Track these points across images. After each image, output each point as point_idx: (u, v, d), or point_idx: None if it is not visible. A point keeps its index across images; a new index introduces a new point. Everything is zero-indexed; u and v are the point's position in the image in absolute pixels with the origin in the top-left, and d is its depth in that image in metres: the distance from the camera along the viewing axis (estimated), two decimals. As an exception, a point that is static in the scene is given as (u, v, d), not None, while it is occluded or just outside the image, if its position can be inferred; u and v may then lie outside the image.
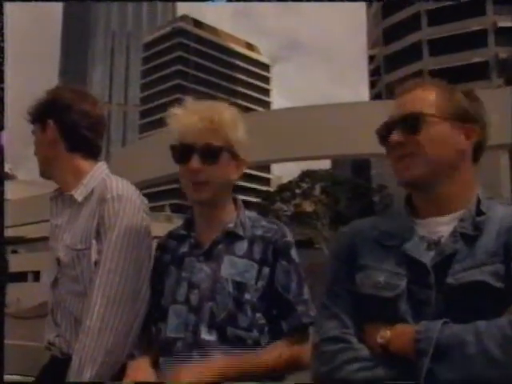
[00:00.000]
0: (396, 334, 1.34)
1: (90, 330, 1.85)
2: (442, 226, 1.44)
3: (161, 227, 3.10)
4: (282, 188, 57.15)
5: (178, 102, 1.82)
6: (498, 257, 1.34)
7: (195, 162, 1.75)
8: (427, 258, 1.41)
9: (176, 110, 1.81)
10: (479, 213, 1.43)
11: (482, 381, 1.21)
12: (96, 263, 1.92)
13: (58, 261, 2.01)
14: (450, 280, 1.35)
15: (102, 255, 1.90)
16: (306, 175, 53.99)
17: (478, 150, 1.51)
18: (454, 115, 1.46)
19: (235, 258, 1.78)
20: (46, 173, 2.13)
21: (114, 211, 1.92)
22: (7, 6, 2.04)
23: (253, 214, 1.92)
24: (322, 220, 45.67)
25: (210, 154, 1.76)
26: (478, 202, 1.46)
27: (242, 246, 1.80)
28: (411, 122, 1.46)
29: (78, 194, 2.01)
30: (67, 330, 1.98)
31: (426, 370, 1.25)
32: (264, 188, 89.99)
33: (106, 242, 1.91)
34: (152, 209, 2.08)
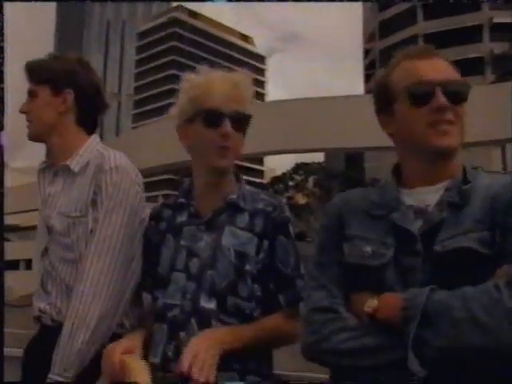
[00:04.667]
0: (383, 303, 1.35)
1: (83, 295, 1.87)
2: (429, 195, 1.45)
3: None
4: (275, 180, 57.23)
5: (172, 91, 1.83)
6: (483, 224, 1.35)
7: (227, 127, 1.76)
8: (415, 226, 1.42)
9: (207, 73, 1.82)
10: (465, 182, 1.44)
11: (469, 346, 1.22)
12: (91, 231, 1.94)
13: (49, 229, 2.02)
14: (437, 247, 1.36)
15: (98, 223, 1.93)
16: (299, 168, 54.04)
17: None
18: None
19: (236, 229, 1.78)
20: (40, 137, 2.11)
21: (111, 181, 1.95)
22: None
23: (251, 187, 1.93)
24: (314, 213, 45.73)
25: (240, 120, 1.79)
26: (464, 171, 1.47)
27: (243, 218, 1.80)
28: (459, 90, 1.46)
29: (74, 164, 2.03)
30: (58, 297, 1.99)
31: (413, 337, 1.26)
32: (257, 180, 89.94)
33: (103, 211, 1.94)
34: (145, 199, 2.10)
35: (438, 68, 1.47)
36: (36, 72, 2.08)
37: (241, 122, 1.79)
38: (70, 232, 1.97)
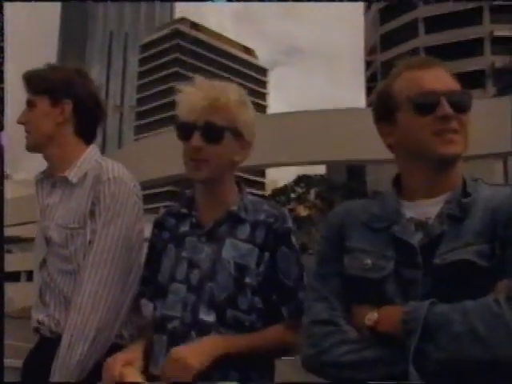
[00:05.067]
0: (384, 316, 1.35)
1: (81, 307, 1.86)
2: (430, 208, 1.45)
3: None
4: (277, 192, 57.21)
5: (174, 104, 1.82)
6: (483, 237, 1.36)
7: (196, 140, 1.74)
8: (415, 239, 1.42)
9: (183, 87, 1.81)
10: (465, 194, 1.44)
11: (469, 359, 1.22)
12: (90, 242, 1.94)
13: (47, 240, 2.01)
14: (436, 260, 1.36)
15: (96, 235, 1.93)
16: (301, 180, 54.08)
17: None
18: None
19: (237, 241, 1.77)
20: (38, 147, 2.10)
21: (109, 192, 1.94)
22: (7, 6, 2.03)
23: (254, 197, 1.91)
24: (316, 225, 45.65)
25: (212, 132, 1.75)
26: (464, 183, 1.48)
27: (244, 230, 1.79)
28: (462, 100, 1.47)
29: (72, 175, 2.02)
30: (56, 309, 1.98)
31: (413, 350, 1.26)
32: (259, 192, 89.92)
33: (101, 222, 1.93)
34: (146, 211, 2.10)
35: (441, 78, 1.48)
36: (34, 82, 2.08)
37: (213, 133, 1.75)
38: (68, 243, 1.96)
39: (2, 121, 2.03)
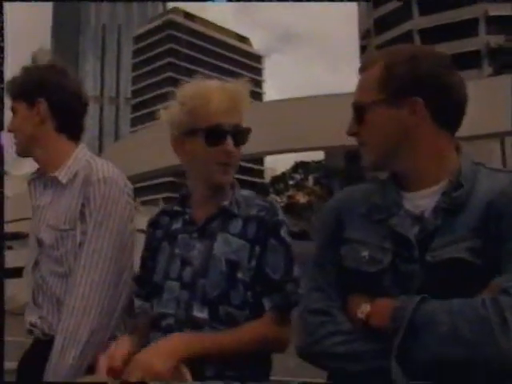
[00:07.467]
0: (375, 309, 1.34)
1: (74, 309, 1.84)
2: (425, 200, 1.42)
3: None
4: (276, 180, 57.31)
5: (170, 95, 1.79)
6: (477, 232, 1.33)
7: (229, 145, 1.72)
8: (412, 232, 1.39)
9: (203, 87, 1.75)
10: (459, 186, 1.39)
11: (452, 360, 1.21)
12: (80, 244, 1.91)
13: (39, 242, 1.99)
14: (428, 257, 1.34)
15: (87, 236, 1.90)
16: (299, 167, 54.09)
17: (442, 114, 1.43)
18: (392, 93, 1.42)
19: (229, 236, 1.74)
20: (26, 151, 2.09)
21: (99, 193, 1.91)
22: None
23: (247, 192, 1.88)
24: (315, 211, 45.70)
25: (241, 136, 1.76)
26: (460, 172, 1.42)
27: (236, 225, 1.76)
28: (356, 113, 1.50)
29: (62, 175, 1.99)
30: (49, 311, 1.96)
31: (398, 348, 1.26)
32: (257, 180, 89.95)
33: (91, 224, 1.90)
34: (146, 202, 2.08)
35: None
36: (11, 89, 2.07)
37: (241, 136, 1.76)
38: (59, 245, 1.94)
39: (2, 120, 2.02)
